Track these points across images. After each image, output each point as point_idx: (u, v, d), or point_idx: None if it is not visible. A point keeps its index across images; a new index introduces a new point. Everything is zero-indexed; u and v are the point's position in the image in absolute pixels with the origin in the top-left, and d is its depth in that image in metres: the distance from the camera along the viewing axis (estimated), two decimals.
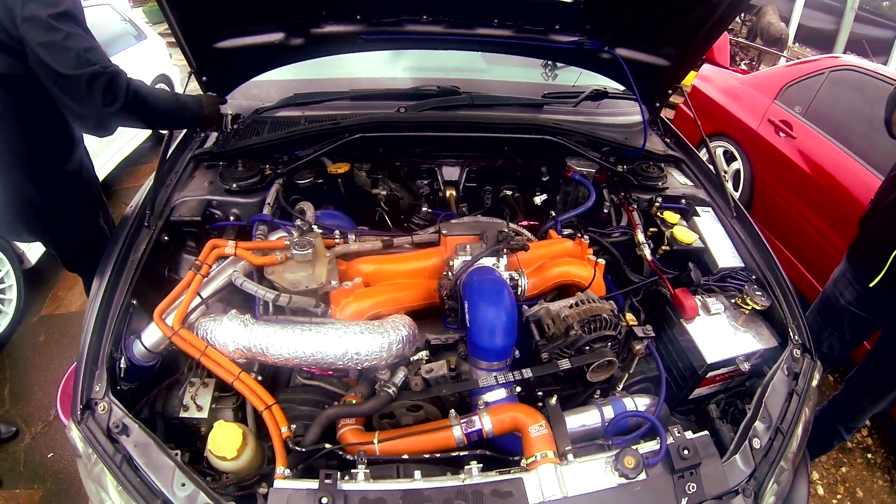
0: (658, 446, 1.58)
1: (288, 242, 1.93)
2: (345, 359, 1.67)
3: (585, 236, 2.28)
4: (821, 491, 3.73)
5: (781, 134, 4.90)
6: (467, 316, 1.77)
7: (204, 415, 1.74)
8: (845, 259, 2.84)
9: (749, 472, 1.68)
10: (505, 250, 1.99)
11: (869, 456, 4.01)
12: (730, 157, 5.60)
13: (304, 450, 1.57)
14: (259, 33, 2.46)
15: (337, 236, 2.13)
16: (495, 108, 2.83)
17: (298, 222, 2.07)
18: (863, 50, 8.16)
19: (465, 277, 1.88)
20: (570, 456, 1.58)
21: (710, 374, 2.03)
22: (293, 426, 1.65)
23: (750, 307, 2.09)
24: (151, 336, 1.76)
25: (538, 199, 2.76)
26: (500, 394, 1.76)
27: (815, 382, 1.96)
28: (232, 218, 2.26)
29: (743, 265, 2.32)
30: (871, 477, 3.88)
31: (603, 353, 1.84)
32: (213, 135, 2.66)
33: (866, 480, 3.85)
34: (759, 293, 2.11)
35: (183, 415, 1.75)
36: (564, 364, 1.80)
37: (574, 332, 1.82)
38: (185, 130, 2.68)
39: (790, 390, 1.87)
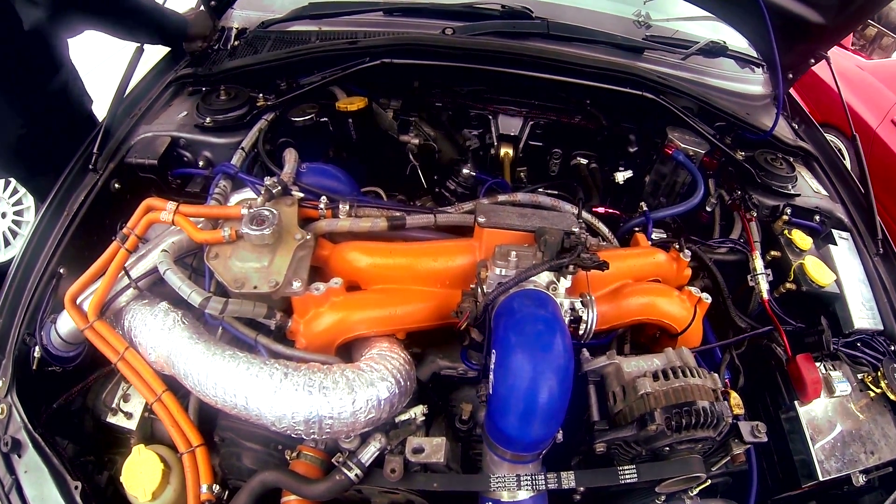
0: None
1: (244, 211, 1.45)
2: (282, 424, 1.25)
3: (686, 250, 1.77)
4: None
5: None
6: (492, 374, 1.24)
7: (132, 425, 1.48)
8: None
9: None
10: (572, 267, 1.38)
11: None
12: (852, 155, 5.11)
13: None
14: None
15: (322, 205, 1.61)
16: (579, 44, 2.31)
17: (269, 180, 1.61)
18: None
19: (502, 304, 1.30)
20: None
21: None
22: (216, 487, 1.34)
23: (880, 392, 1.74)
24: (66, 323, 1.47)
25: (620, 177, 2.27)
26: (524, 493, 1.31)
27: None
28: (201, 163, 1.89)
29: (882, 328, 1.91)
30: None
31: (689, 464, 1.36)
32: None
33: None
34: None
35: (110, 419, 1.49)
36: (629, 474, 1.32)
37: (655, 426, 1.29)
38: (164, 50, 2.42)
39: None
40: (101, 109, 2.40)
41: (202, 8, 2.30)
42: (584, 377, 1.45)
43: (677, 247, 1.78)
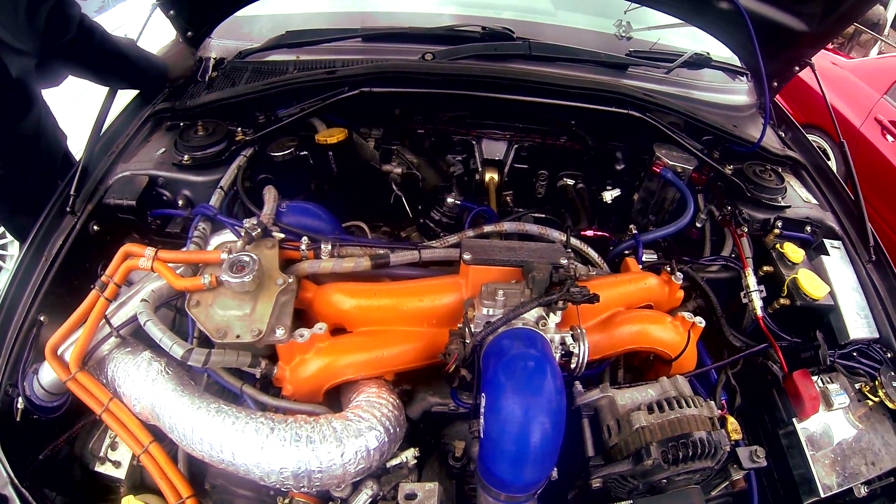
0: None
1: (223, 256, 1.40)
2: (271, 478, 1.22)
3: (678, 273, 1.74)
4: None
5: (890, 138, 4.46)
6: (482, 417, 1.21)
7: (121, 473, 1.43)
8: None
9: None
10: (561, 302, 1.34)
11: None
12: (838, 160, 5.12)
13: None
14: None
15: (303, 247, 1.56)
16: (561, 63, 2.27)
17: (248, 222, 1.55)
18: None
19: (490, 344, 1.27)
20: None
21: None
22: None
23: (878, 400, 1.72)
24: (48, 375, 1.43)
25: (608, 196, 2.21)
26: None
27: None
28: (181, 202, 1.84)
29: (877, 336, 1.88)
30: None
31: (688, 496, 1.34)
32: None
33: None
34: None
35: (98, 468, 1.45)
36: None
37: (651, 460, 1.27)
38: None
39: None
40: (75, 145, 2.41)
41: (180, 41, 2.27)
42: (577, 411, 1.42)
43: (669, 269, 1.75)
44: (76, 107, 2.61)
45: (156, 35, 2.31)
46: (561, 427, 1.20)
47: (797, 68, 2.34)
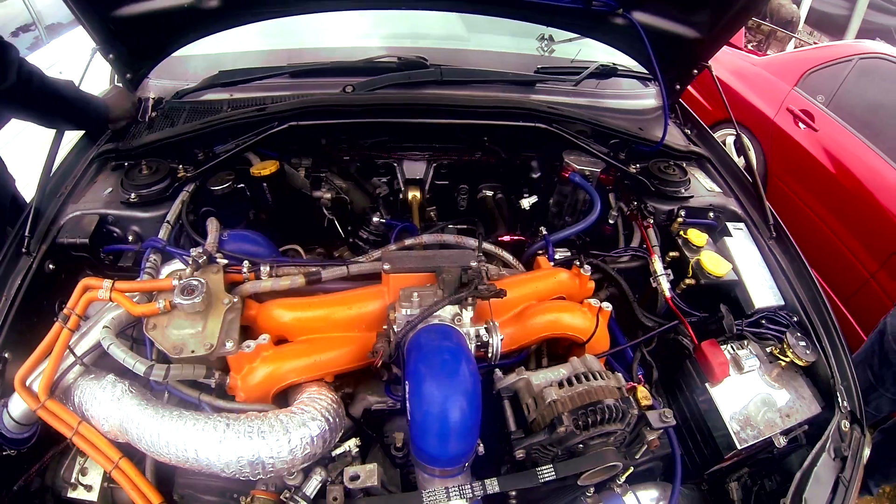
0: None
1: (175, 282, 1.51)
2: (230, 469, 1.31)
3: (586, 266, 1.84)
4: None
5: (801, 125, 4.58)
6: (409, 403, 1.32)
7: (93, 496, 1.50)
8: None
9: None
10: (471, 298, 1.48)
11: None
12: (741, 148, 5.15)
13: None
14: None
15: (245, 270, 1.68)
16: (473, 85, 2.40)
17: (194, 251, 1.66)
18: (889, 37, 7.88)
19: (411, 340, 1.40)
20: None
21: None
22: None
23: (789, 360, 1.81)
24: (18, 406, 1.47)
25: (526, 203, 2.34)
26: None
27: (863, 461, 1.70)
28: (131, 238, 1.92)
29: (783, 303, 2.00)
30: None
31: (602, 456, 1.43)
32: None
33: None
34: (803, 344, 1.82)
35: (71, 494, 1.50)
36: (547, 473, 1.38)
37: (564, 428, 1.38)
38: None
39: (836, 478, 1.62)
40: (22, 185, 2.46)
41: (119, 84, 2.30)
42: (498, 394, 1.52)
43: (578, 263, 1.85)
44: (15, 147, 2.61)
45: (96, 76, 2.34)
46: (477, 406, 1.31)
47: (696, 71, 2.45)
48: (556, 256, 2.01)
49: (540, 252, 2.00)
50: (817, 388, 1.83)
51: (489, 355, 1.49)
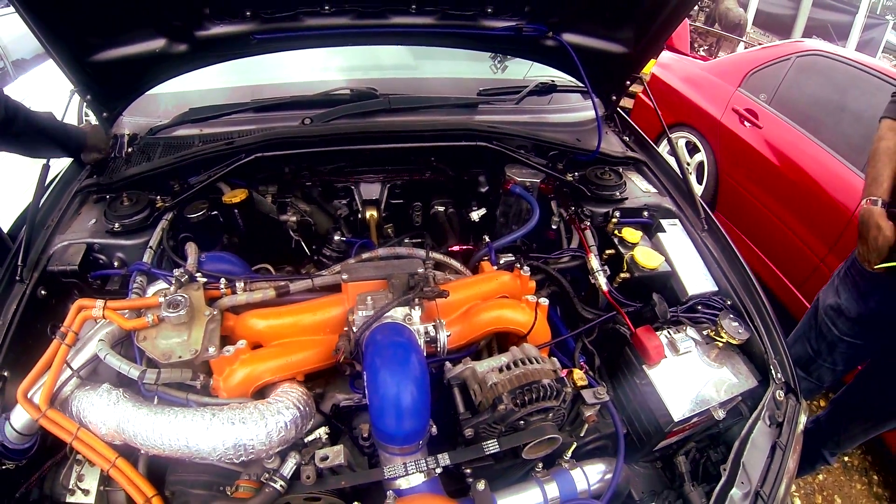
0: None
1: (161, 299, 1.66)
2: (216, 454, 1.45)
3: (525, 267, 1.99)
4: (798, 502, 3.64)
5: (746, 124, 4.78)
6: (367, 391, 1.48)
7: (91, 500, 1.58)
8: (837, 284, 2.66)
9: None
10: (417, 299, 1.66)
11: (846, 459, 3.94)
12: (693, 149, 5.48)
13: None
14: (137, 41, 2.20)
15: (223, 286, 1.82)
16: (420, 111, 2.54)
17: (177, 272, 1.80)
18: (827, 34, 8.18)
19: (368, 337, 1.57)
20: None
21: (680, 427, 1.83)
22: None
23: (725, 340, 1.91)
24: (20, 417, 1.57)
25: (475, 215, 2.50)
26: (417, 479, 1.51)
27: (800, 428, 1.77)
28: (116, 264, 2.03)
29: (716, 289, 2.12)
30: (849, 482, 3.80)
31: (541, 429, 1.58)
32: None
33: (844, 486, 3.77)
34: (736, 324, 1.92)
35: (69, 500, 1.57)
36: (492, 446, 1.54)
37: (504, 406, 1.52)
38: (68, 162, 2.46)
39: (773, 443, 1.69)
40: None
41: (95, 122, 2.38)
42: (448, 383, 1.67)
43: (518, 265, 1.99)
44: None
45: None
46: (425, 390, 1.47)
47: (629, 83, 2.63)
48: (502, 261, 2.14)
49: (485, 258, 2.14)
50: (753, 364, 1.92)
51: (438, 349, 1.65)
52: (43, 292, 1.88)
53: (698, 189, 5.33)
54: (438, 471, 1.53)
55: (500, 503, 1.55)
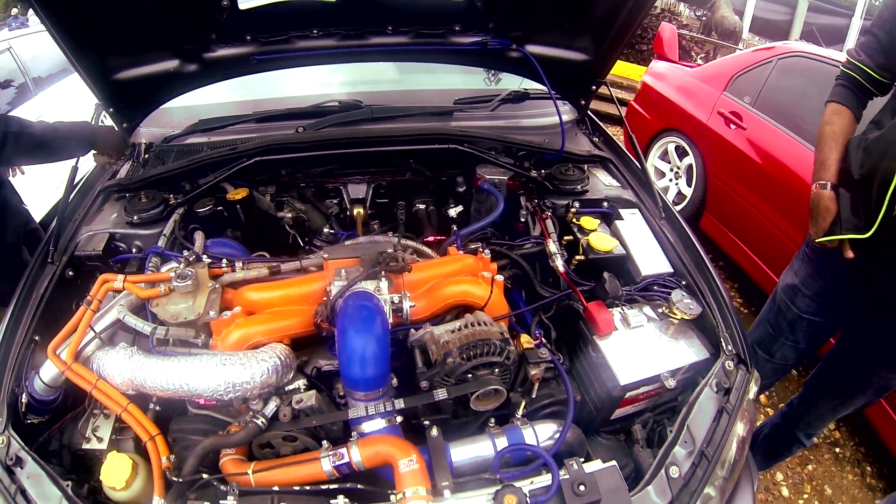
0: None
1: (172, 274, 1.92)
2: (212, 391, 1.67)
3: (486, 250, 2.18)
4: (785, 492, 3.64)
5: (732, 126, 4.91)
6: (338, 345, 1.70)
7: (104, 446, 1.75)
8: (796, 262, 2.72)
9: None
10: (384, 273, 1.92)
11: (837, 450, 3.93)
12: (682, 153, 5.60)
13: (180, 480, 1.59)
14: (154, 62, 2.47)
15: (224, 265, 2.07)
16: (399, 119, 2.75)
17: (186, 253, 2.06)
18: (813, 37, 8.24)
19: (342, 304, 1.81)
20: (446, 492, 1.51)
21: (633, 393, 1.93)
22: (173, 457, 1.67)
23: (679, 317, 1.99)
24: (48, 371, 1.78)
25: (453, 212, 2.68)
26: (378, 424, 1.70)
27: (750, 395, 1.87)
28: (134, 250, 2.26)
29: (672, 271, 2.24)
30: (840, 472, 3.79)
31: (486, 381, 1.76)
32: (126, 166, 2.67)
33: (835, 476, 3.76)
34: (688, 300, 2.01)
35: (85, 446, 1.76)
36: (441, 394, 1.73)
37: (453, 360, 1.73)
38: (94, 165, 2.73)
39: (720, 408, 1.79)
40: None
41: (116, 128, 2.61)
42: (411, 347, 1.88)
43: (481, 249, 2.17)
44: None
45: None
46: (386, 344, 1.69)
47: (594, 87, 2.81)
48: (470, 248, 2.30)
49: (453, 244, 2.31)
50: (707, 338, 2.01)
51: (403, 317, 1.90)
52: (70, 273, 2.12)
53: (687, 191, 5.47)
54: (399, 419, 1.72)
55: (453, 451, 1.70)
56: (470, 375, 1.78)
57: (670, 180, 5.91)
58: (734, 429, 1.75)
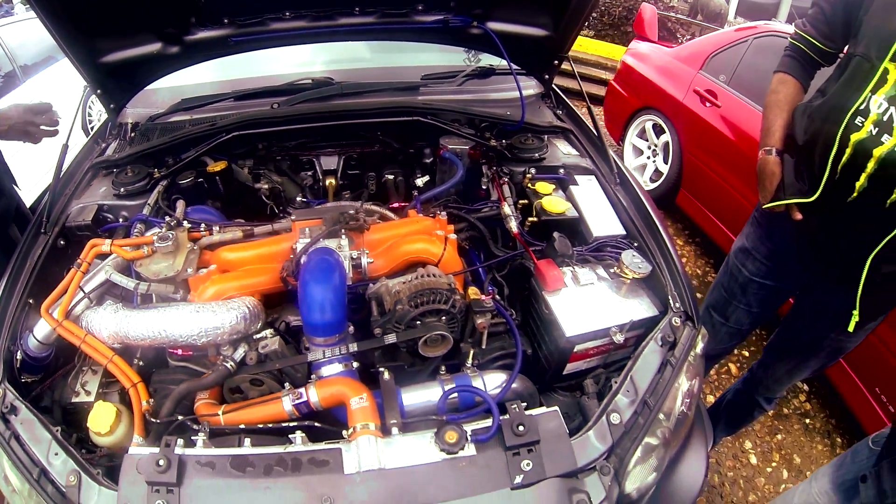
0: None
1: (154, 238, 2.08)
2: (187, 335, 1.81)
3: (443, 212, 2.30)
4: (754, 460, 3.71)
5: (707, 104, 5.02)
6: (299, 294, 1.85)
7: (91, 399, 1.87)
8: (748, 227, 2.77)
9: (605, 449, 1.65)
10: (344, 231, 2.06)
11: (807, 421, 4.01)
12: (659, 131, 5.72)
13: (158, 421, 1.71)
14: (138, 45, 2.60)
15: (202, 229, 2.22)
16: (368, 94, 2.85)
17: (168, 219, 2.20)
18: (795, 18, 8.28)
19: (305, 259, 1.95)
20: (394, 430, 1.62)
21: (582, 347, 1.99)
22: (152, 401, 1.79)
23: (630, 276, 2.05)
24: (42, 329, 1.91)
25: (420, 181, 2.78)
26: (336, 369, 1.83)
27: (697, 351, 1.91)
28: (121, 220, 2.39)
29: (624, 233, 2.30)
30: (810, 442, 3.86)
31: (433, 327, 1.89)
32: (114, 144, 2.80)
33: (804, 446, 3.84)
34: (638, 260, 2.08)
35: (74, 400, 1.87)
36: (391, 338, 1.87)
37: (402, 307, 1.87)
38: (84, 141, 2.90)
39: (664, 360, 1.84)
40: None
41: (21, 103, 2.63)
42: (369, 299, 2.02)
43: (439, 212, 2.29)
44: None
45: None
46: (341, 294, 1.83)
47: (557, 62, 2.92)
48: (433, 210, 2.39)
49: (411, 207, 2.43)
50: (657, 297, 2.06)
51: (362, 273, 2.04)
52: (62, 242, 2.24)
53: (664, 168, 5.60)
54: (356, 365, 1.86)
55: (404, 395, 1.83)
56: (419, 322, 1.90)
57: (648, 158, 6.05)
58: (678, 381, 1.80)
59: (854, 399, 3.59)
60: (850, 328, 2.28)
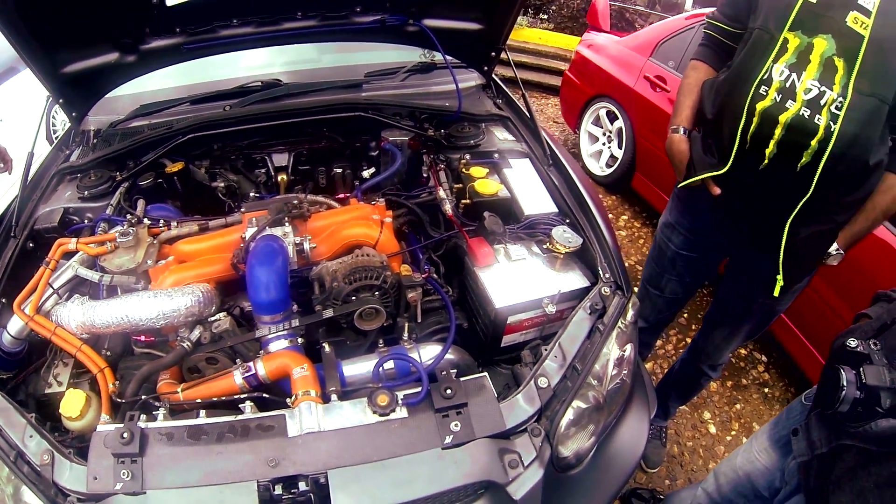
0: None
1: (116, 234, 2.19)
2: (146, 319, 1.95)
3: (380, 199, 2.45)
4: (713, 429, 3.83)
5: (657, 89, 5.20)
6: (247, 277, 2.00)
7: (63, 388, 1.96)
8: (671, 202, 2.85)
9: (534, 411, 1.72)
10: (288, 220, 2.20)
11: (766, 391, 4.11)
12: (613, 118, 5.90)
13: (123, 401, 1.84)
14: (96, 55, 2.71)
15: (161, 224, 2.35)
16: (314, 93, 2.97)
17: (129, 216, 2.35)
18: None
19: (252, 246, 2.09)
20: (333, 397, 1.74)
21: (515, 319, 2.08)
22: (118, 383, 1.91)
23: (561, 250, 2.12)
24: (14, 325, 2.02)
25: (366, 173, 2.92)
26: (282, 344, 1.97)
27: (628, 318, 1.99)
28: (86, 221, 2.50)
29: (556, 210, 2.38)
30: (769, 411, 3.95)
31: (366, 301, 2.03)
32: (77, 151, 2.89)
33: (763, 415, 3.92)
34: (568, 234, 2.15)
35: (48, 391, 1.98)
36: (328, 313, 2.02)
37: (337, 284, 2.02)
38: (49, 149, 2.96)
39: (592, 327, 1.92)
40: None
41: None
42: (311, 279, 2.16)
43: (378, 199, 2.43)
44: None
45: None
46: (284, 275, 1.98)
47: (494, 54, 3.04)
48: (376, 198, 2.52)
49: (353, 196, 2.56)
50: (589, 270, 2.15)
51: (306, 257, 2.16)
52: (31, 245, 2.32)
53: (619, 153, 5.79)
54: (300, 341, 2.00)
55: (345, 367, 1.96)
56: (354, 298, 2.05)
57: (603, 144, 6.23)
58: (606, 346, 1.90)
59: (809, 366, 3.69)
60: (776, 293, 2.34)
